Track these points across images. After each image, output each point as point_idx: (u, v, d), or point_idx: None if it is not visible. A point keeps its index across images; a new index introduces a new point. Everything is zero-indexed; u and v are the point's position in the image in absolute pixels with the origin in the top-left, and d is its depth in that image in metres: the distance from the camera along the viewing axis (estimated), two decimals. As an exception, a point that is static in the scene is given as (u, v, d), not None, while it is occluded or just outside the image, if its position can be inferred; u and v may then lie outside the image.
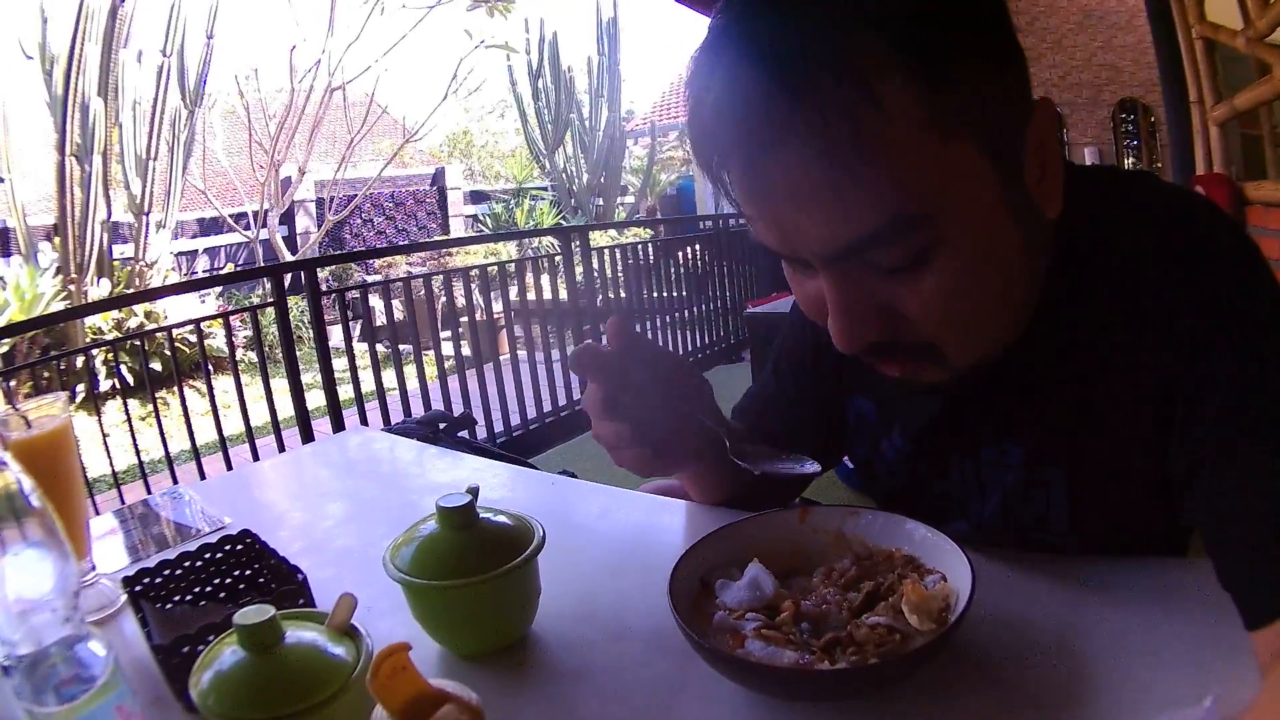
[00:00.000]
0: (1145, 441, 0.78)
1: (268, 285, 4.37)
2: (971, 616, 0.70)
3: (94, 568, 1.08)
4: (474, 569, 0.79)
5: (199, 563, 1.01)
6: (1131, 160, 8.84)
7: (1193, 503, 0.72)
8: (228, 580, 1.01)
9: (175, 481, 3.89)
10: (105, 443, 3.94)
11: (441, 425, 1.86)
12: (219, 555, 1.02)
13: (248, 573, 1.01)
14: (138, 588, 0.96)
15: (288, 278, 4.44)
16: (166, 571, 0.99)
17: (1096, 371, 0.80)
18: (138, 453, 3.89)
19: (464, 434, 1.94)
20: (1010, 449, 0.88)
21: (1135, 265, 0.76)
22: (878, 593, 0.78)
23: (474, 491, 0.85)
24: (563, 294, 5.91)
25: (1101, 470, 0.83)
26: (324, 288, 4.92)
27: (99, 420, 4.05)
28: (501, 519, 0.87)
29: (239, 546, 1.03)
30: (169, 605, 0.96)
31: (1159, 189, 0.80)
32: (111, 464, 3.96)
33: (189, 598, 0.98)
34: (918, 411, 0.96)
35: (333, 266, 11.94)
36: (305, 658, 0.67)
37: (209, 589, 0.99)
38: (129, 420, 4.01)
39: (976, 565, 0.75)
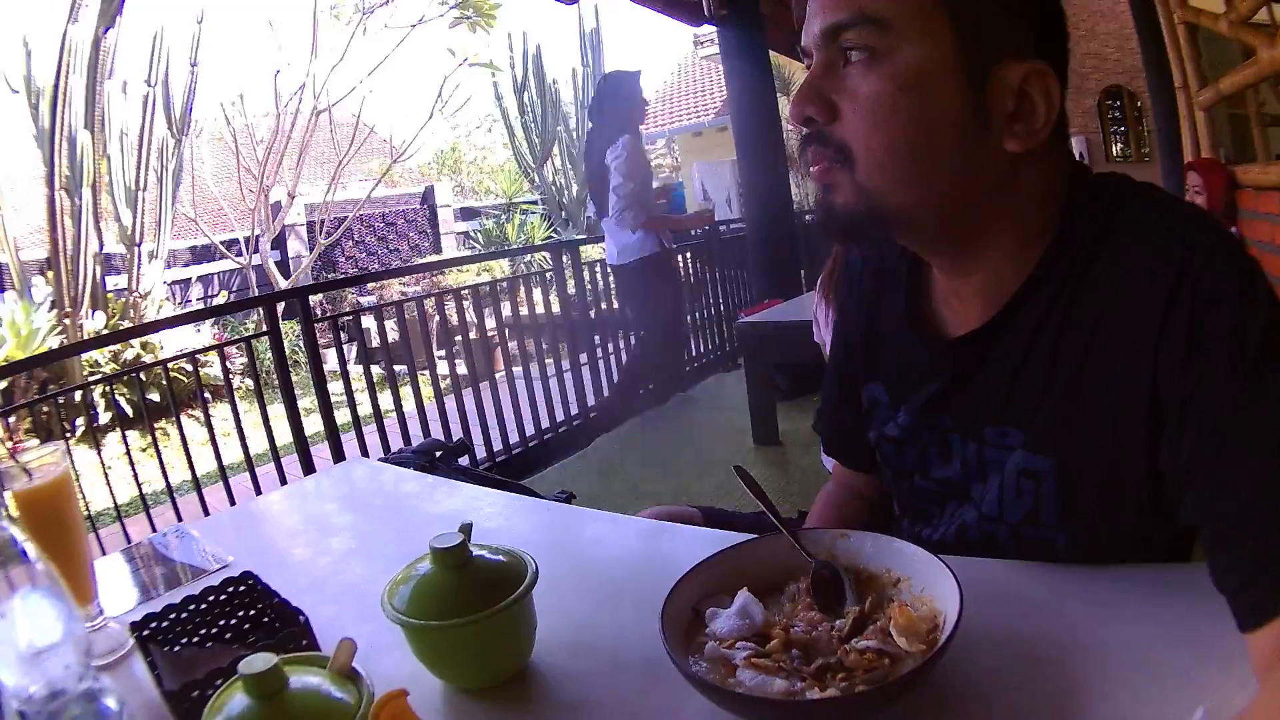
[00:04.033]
0: (1135, 439, 0.80)
1: (262, 313, 4.37)
2: (960, 635, 0.72)
3: (101, 611, 1.09)
4: (468, 608, 0.80)
5: (203, 605, 1.03)
6: (1120, 146, 8.87)
7: (1189, 504, 0.74)
8: (233, 621, 1.02)
9: (178, 513, 3.89)
10: (107, 476, 3.95)
11: (438, 453, 1.88)
12: (222, 598, 1.04)
13: (251, 613, 1.03)
14: (145, 632, 0.97)
15: (280, 305, 4.43)
16: (172, 616, 1.01)
17: (1093, 361, 0.82)
18: (139, 486, 3.89)
19: (463, 458, 1.96)
20: (1010, 431, 0.90)
21: (1136, 261, 0.79)
22: (865, 617, 0.79)
23: (466, 529, 0.87)
24: (556, 309, 5.91)
25: (1091, 464, 0.84)
26: (317, 313, 4.93)
27: (99, 454, 4.06)
28: (495, 556, 0.89)
29: (241, 588, 1.05)
30: (176, 648, 0.98)
31: (1164, 196, 0.85)
32: (114, 498, 3.96)
33: (195, 639, 1.00)
34: (923, 388, 1.00)
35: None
36: (309, 703, 0.70)
37: (214, 630, 1.01)
38: (129, 453, 4.01)
39: (964, 582, 0.76)
